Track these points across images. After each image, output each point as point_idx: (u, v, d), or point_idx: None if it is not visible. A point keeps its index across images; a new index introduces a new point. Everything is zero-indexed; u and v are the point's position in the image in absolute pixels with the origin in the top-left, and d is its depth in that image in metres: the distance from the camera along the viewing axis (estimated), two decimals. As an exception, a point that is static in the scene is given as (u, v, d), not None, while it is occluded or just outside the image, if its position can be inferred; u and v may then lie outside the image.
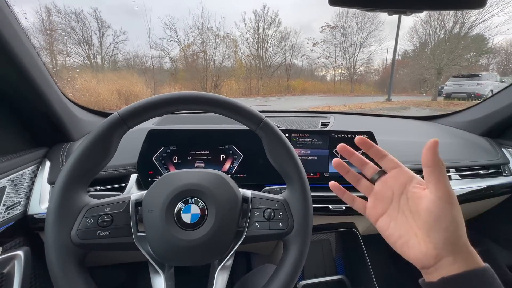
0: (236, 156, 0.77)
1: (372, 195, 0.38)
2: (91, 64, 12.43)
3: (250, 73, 16.56)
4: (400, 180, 0.35)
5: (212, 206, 0.42)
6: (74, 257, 0.39)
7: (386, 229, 0.35)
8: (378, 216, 0.37)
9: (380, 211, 0.36)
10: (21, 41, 0.53)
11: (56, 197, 0.39)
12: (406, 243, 0.32)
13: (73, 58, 11.66)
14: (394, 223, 0.34)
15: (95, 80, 7.59)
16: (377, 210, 0.37)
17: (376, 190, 0.37)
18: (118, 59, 13.59)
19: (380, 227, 0.36)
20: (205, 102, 0.46)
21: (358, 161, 0.40)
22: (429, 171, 0.30)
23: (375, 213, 0.37)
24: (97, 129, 0.42)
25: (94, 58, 12.69)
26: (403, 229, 0.33)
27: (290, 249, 0.45)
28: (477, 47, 12.55)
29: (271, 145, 0.48)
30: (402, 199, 0.34)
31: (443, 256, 0.29)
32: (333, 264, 0.99)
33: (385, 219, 0.36)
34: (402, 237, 0.33)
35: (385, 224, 0.35)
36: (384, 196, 0.36)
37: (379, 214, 0.37)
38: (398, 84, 16.70)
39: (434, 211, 0.30)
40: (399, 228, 0.34)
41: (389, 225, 0.35)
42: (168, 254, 0.41)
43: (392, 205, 0.35)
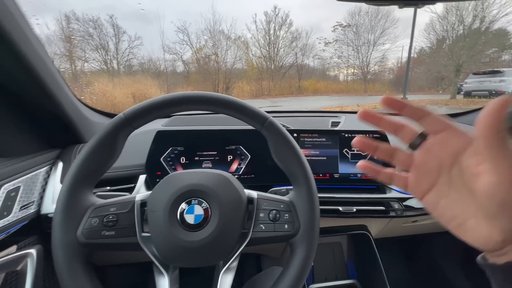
0: (243, 157, 0.77)
1: (414, 167, 0.29)
2: (107, 69, 12.89)
3: (261, 75, 16.60)
4: (450, 147, 0.26)
5: (215, 206, 0.41)
6: (80, 256, 0.39)
7: (435, 208, 0.28)
8: (424, 192, 0.29)
9: (425, 187, 0.29)
10: (32, 45, 0.54)
11: (63, 197, 0.40)
12: (462, 224, 0.26)
13: (91, 63, 12.14)
14: (444, 200, 0.27)
15: (111, 84, 7.85)
16: (422, 185, 0.29)
17: (418, 161, 0.29)
18: (133, 64, 14.03)
19: (428, 205, 0.29)
20: (209, 102, 0.46)
21: (391, 125, 0.30)
22: (485, 144, 0.22)
23: (420, 189, 0.29)
24: (102, 130, 0.43)
25: (110, 63, 13.16)
26: (457, 209, 0.26)
27: (296, 252, 0.43)
28: (499, 42, 11.95)
29: (277, 145, 0.47)
30: (454, 171, 0.26)
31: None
32: (344, 268, 0.96)
33: (433, 196, 0.28)
34: (456, 217, 0.26)
35: (434, 202, 0.28)
36: (429, 168, 0.28)
37: (424, 190, 0.29)
38: (414, 82, 16.20)
39: (497, 196, 0.22)
40: (452, 207, 0.27)
41: (438, 203, 0.28)
42: (172, 255, 0.41)
43: (441, 178, 0.27)
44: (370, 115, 0.30)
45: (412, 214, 0.76)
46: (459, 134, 0.26)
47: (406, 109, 0.28)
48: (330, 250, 0.96)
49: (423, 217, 0.81)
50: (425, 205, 0.29)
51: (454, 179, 0.26)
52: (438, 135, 0.27)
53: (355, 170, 0.78)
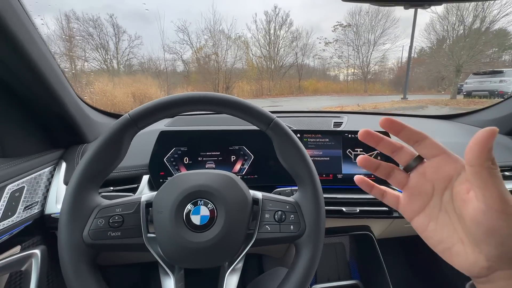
0: (246, 157, 0.77)
1: (407, 188, 0.30)
2: (107, 68, 12.87)
3: (261, 74, 16.58)
4: (444, 172, 0.27)
5: (221, 207, 0.41)
6: (86, 257, 0.39)
7: (424, 230, 0.29)
8: (415, 214, 0.30)
9: (416, 208, 0.29)
10: (37, 46, 0.54)
11: (69, 198, 0.40)
12: (449, 249, 0.26)
13: (91, 63, 12.13)
14: (433, 224, 0.28)
15: (111, 83, 7.85)
16: (413, 206, 0.30)
17: (412, 183, 0.30)
18: (133, 63, 14.00)
19: (417, 227, 0.30)
20: (215, 103, 0.46)
21: (389, 147, 0.31)
22: (472, 172, 0.22)
23: (410, 210, 0.30)
24: (108, 130, 0.43)
25: (110, 63, 13.14)
26: (445, 233, 0.27)
27: (302, 253, 0.43)
28: (499, 42, 11.94)
29: (282, 146, 0.47)
30: (446, 196, 0.27)
31: (498, 269, 0.24)
32: (347, 268, 0.96)
33: (423, 218, 0.29)
34: (444, 241, 0.27)
35: (423, 224, 0.29)
36: (422, 191, 0.29)
37: (415, 212, 0.30)
38: (414, 82, 16.18)
39: (483, 223, 0.23)
40: (440, 231, 0.27)
41: (427, 225, 0.28)
42: (177, 255, 0.41)
43: (433, 201, 0.28)
44: (370, 135, 0.31)
45: (415, 214, 0.76)
46: (453, 160, 0.27)
47: (404, 131, 0.28)
48: (333, 250, 0.96)
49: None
50: (414, 226, 0.30)
51: (444, 203, 0.27)
52: (433, 159, 0.28)
53: (358, 171, 0.78)
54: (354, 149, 0.79)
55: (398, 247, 1.31)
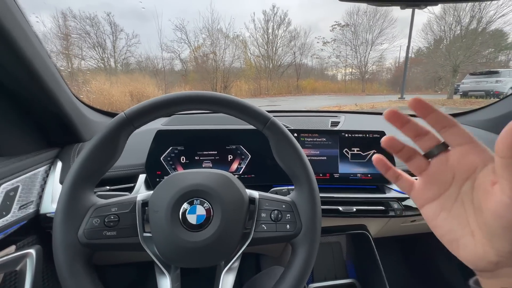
0: (244, 156, 0.77)
1: (425, 175, 0.29)
2: (105, 67, 12.80)
3: (259, 74, 16.59)
4: (469, 162, 0.26)
5: (217, 207, 0.41)
6: (81, 257, 0.39)
7: (434, 219, 0.28)
8: (427, 201, 0.29)
9: (430, 196, 0.28)
10: (32, 44, 0.54)
11: (64, 197, 0.39)
12: (457, 240, 0.26)
13: (88, 61, 12.05)
14: (445, 213, 0.27)
15: (108, 82, 7.80)
16: (427, 193, 0.29)
17: (432, 170, 0.28)
18: (131, 62, 13.95)
19: (427, 214, 0.29)
20: (211, 102, 0.46)
21: (415, 130, 0.29)
22: (503, 163, 0.21)
23: (424, 197, 0.29)
24: (104, 129, 0.42)
25: (107, 61, 13.07)
26: (456, 223, 0.26)
27: (298, 252, 0.44)
28: (496, 43, 12.05)
29: (278, 145, 0.47)
30: (466, 186, 0.26)
31: (506, 266, 0.23)
32: (343, 267, 0.96)
33: (435, 206, 0.28)
34: (453, 232, 0.26)
35: (434, 212, 0.28)
36: (440, 179, 0.28)
37: (428, 199, 0.29)
38: (411, 82, 16.27)
39: (505, 217, 0.22)
40: (451, 221, 0.27)
41: (438, 214, 0.28)
42: (173, 255, 0.41)
43: (450, 191, 0.27)
44: (397, 116, 0.28)
45: (411, 214, 0.76)
46: (481, 150, 0.25)
47: (433, 114, 0.27)
48: (329, 249, 0.96)
49: (421, 217, 0.81)
50: (424, 213, 0.29)
51: (462, 194, 0.26)
52: (458, 147, 0.26)
53: (355, 170, 0.78)
54: (351, 149, 0.79)
55: (394, 246, 1.32)
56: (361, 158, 0.79)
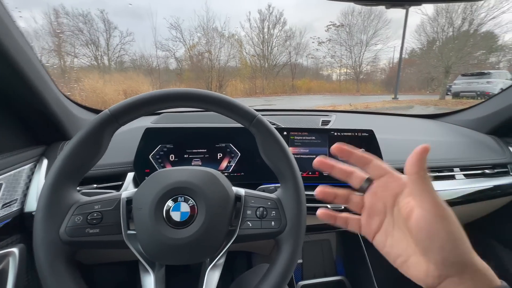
0: (233, 155, 0.77)
1: (364, 210, 0.33)
2: (98, 65, 12.63)
3: (255, 73, 16.57)
4: (390, 190, 0.30)
5: (202, 204, 0.41)
6: (63, 255, 0.38)
7: (383, 247, 0.31)
8: (374, 232, 0.32)
9: (374, 228, 0.32)
10: (15, 39, 0.53)
11: (45, 194, 0.39)
12: (406, 261, 0.29)
13: (81, 59, 11.87)
14: (390, 239, 0.30)
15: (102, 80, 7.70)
16: (372, 226, 0.33)
17: (367, 204, 0.33)
18: (125, 60, 13.79)
19: (377, 244, 0.32)
20: (197, 99, 0.46)
21: (342, 173, 0.35)
22: (411, 180, 0.26)
23: (370, 230, 0.33)
24: (87, 126, 0.42)
25: (101, 59, 12.90)
26: (401, 246, 0.29)
27: (282, 249, 0.44)
28: (487, 45, 12.26)
29: (264, 143, 0.47)
30: (395, 212, 0.30)
31: (447, 276, 0.26)
32: (333, 265, 0.97)
33: (381, 235, 0.32)
34: (401, 255, 0.29)
35: (382, 241, 0.31)
36: (376, 210, 0.32)
37: (374, 231, 0.32)
38: (405, 83, 16.47)
39: (424, 227, 0.25)
40: (397, 245, 0.30)
41: (385, 242, 0.31)
42: (157, 252, 0.41)
43: (387, 219, 0.31)
44: (324, 164, 0.35)
45: (398, 211, 0.77)
46: (397, 178, 0.30)
47: (353, 156, 0.33)
48: (319, 247, 0.97)
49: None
50: (375, 244, 0.33)
51: (395, 218, 0.30)
52: (380, 179, 0.31)
53: (343, 168, 0.79)
54: (340, 147, 0.79)
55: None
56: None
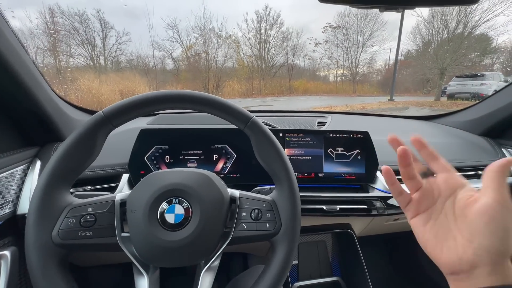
0: (229, 156, 0.77)
1: (420, 191, 0.36)
2: (94, 64, 12.53)
3: (252, 74, 16.60)
4: (449, 184, 0.34)
5: (196, 206, 0.41)
6: (55, 258, 0.38)
7: (421, 226, 0.35)
8: (417, 212, 0.36)
9: (422, 208, 0.35)
10: (6, 39, 0.52)
11: (38, 196, 0.38)
12: (440, 244, 0.32)
13: (77, 59, 11.77)
14: (433, 222, 0.34)
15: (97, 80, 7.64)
16: (419, 207, 0.36)
17: (424, 188, 0.36)
18: (121, 60, 13.72)
19: (415, 223, 0.35)
20: (192, 101, 0.46)
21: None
22: (492, 176, 0.30)
23: (415, 209, 0.36)
24: (80, 127, 0.42)
25: (97, 59, 12.80)
26: (441, 230, 0.32)
27: (277, 251, 0.44)
28: (481, 47, 12.44)
29: (259, 144, 0.47)
30: (448, 202, 0.33)
31: (480, 265, 0.27)
32: (328, 266, 0.97)
33: (424, 217, 0.35)
34: (437, 237, 0.32)
35: (422, 221, 0.35)
36: (429, 195, 0.35)
37: (417, 211, 0.36)
38: (401, 84, 16.62)
39: (487, 213, 0.28)
40: (437, 229, 0.33)
41: (425, 224, 0.34)
42: (152, 255, 0.41)
43: (437, 205, 0.34)
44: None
45: (394, 212, 0.78)
46: (457, 177, 0.34)
47: (424, 150, 0.37)
48: (314, 248, 0.97)
49: (404, 215, 0.83)
50: (413, 223, 0.36)
51: (446, 207, 0.33)
52: (442, 174, 0.35)
53: (339, 170, 0.79)
54: (335, 149, 0.80)
55: (378, 244, 1.35)
56: (345, 157, 0.80)
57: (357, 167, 0.80)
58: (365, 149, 0.80)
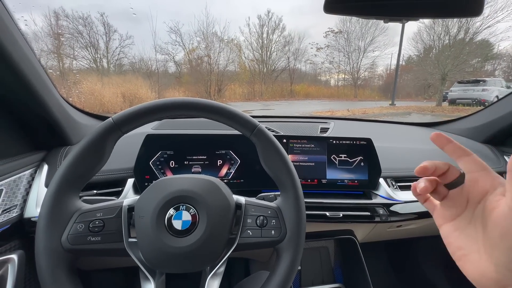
0: (233, 161, 0.77)
1: (446, 199, 0.32)
2: (97, 67, 12.63)
3: (253, 78, 16.66)
4: (480, 187, 0.28)
5: (203, 212, 0.42)
6: (64, 263, 0.39)
7: (448, 236, 0.31)
8: (445, 221, 0.32)
9: (448, 217, 0.31)
10: (19, 45, 0.53)
11: (48, 202, 0.39)
12: (465, 256, 0.28)
13: (80, 61, 11.87)
14: (458, 232, 0.30)
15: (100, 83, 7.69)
16: (446, 215, 0.32)
17: (450, 196, 0.32)
18: (124, 63, 13.81)
19: (443, 232, 0.32)
20: (200, 109, 0.46)
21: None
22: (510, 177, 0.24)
23: (443, 217, 0.32)
24: (91, 134, 0.42)
25: (100, 62, 12.90)
26: (466, 241, 0.28)
27: (282, 257, 0.44)
28: (482, 53, 12.47)
29: (265, 152, 0.48)
30: (478, 209, 0.28)
31: (508, 285, 0.24)
32: (331, 272, 0.97)
33: (451, 226, 0.31)
34: (462, 249, 0.29)
35: (449, 231, 0.31)
36: (457, 203, 0.31)
37: (446, 219, 0.32)
38: (402, 89, 16.65)
39: (501, 224, 0.24)
40: (462, 239, 0.29)
41: (453, 232, 0.30)
42: (158, 260, 0.41)
43: (465, 213, 0.30)
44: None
45: (396, 219, 0.78)
46: (492, 176, 0.28)
47: (449, 145, 0.30)
48: (317, 254, 0.97)
49: (407, 222, 0.83)
50: (442, 231, 0.32)
51: (475, 215, 0.29)
52: (472, 174, 0.29)
53: (342, 176, 0.80)
54: (339, 155, 0.81)
55: (381, 251, 1.34)
56: (349, 164, 0.80)
57: (360, 173, 0.80)
58: (368, 155, 0.80)
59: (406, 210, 0.78)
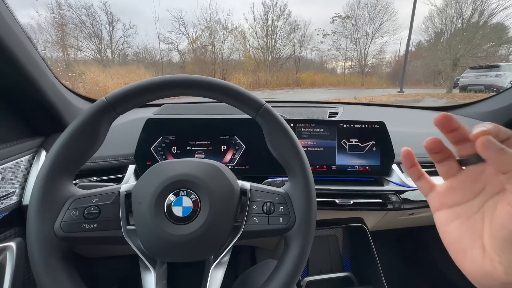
0: (237, 147, 0.74)
1: (453, 180, 0.27)
2: (101, 58, 12.60)
3: (258, 66, 16.42)
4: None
5: (205, 198, 0.39)
6: (58, 251, 0.36)
7: (444, 224, 0.27)
8: (444, 206, 0.27)
9: (450, 202, 0.27)
10: (9, 28, 0.50)
11: (39, 187, 0.36)
12: (464, 251, 0.24)
13: (84, 52, 11.85)
14: (460, 222, 0.26)
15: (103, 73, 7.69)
16: (448, 199, 0.27)
17: (462, 177, 0.26)
18: (128, 53, 13.76)
19: (439, 219, 0.27)
20: (199, 86, 0.43)
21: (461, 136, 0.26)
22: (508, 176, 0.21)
23: (442, 202, 0.27)
24: (83, 114, 0.39)
25: (104, 52, 12.86)
26: (468, 234, 0.25)
27: (291, 246, 0.41)
28: (496, 37, 11.96)
29: (272, 133, 0.44)
30: (492, 200, 0.24)
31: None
32: (339, 261, 0.95)
33: (452, 212, 0.26)
34: (461, 241, 0.25)
35: (448, 219, 0.27)
36: (468, 188, 0.26)
37: (446, 204, 0.27)
38: (411, 76, 16.19)
39: (506, 227, 0.21)
40: (463, 231, 0.25)
41: (452, 221, 0.26)
42: (158, 249, 0.38)
43: (474, 201, 0.25)
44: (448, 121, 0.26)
45: (409, 207, 0.74)
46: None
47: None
48: (325, 242, 0.95)
49: (419, 210, 0.79)
50: (437, 218, 0.28)
51: (486, 207, 0.24)
52: None
53: (352, 162, 0.76)
54: (349, 140, 0.76)
55: (391, 239, 1.31)
56: (360, 149, 0.76)
57: (372, 159, 0.76)
58: (381, 140, 0.76)
59: (420, 198, 0.74)
